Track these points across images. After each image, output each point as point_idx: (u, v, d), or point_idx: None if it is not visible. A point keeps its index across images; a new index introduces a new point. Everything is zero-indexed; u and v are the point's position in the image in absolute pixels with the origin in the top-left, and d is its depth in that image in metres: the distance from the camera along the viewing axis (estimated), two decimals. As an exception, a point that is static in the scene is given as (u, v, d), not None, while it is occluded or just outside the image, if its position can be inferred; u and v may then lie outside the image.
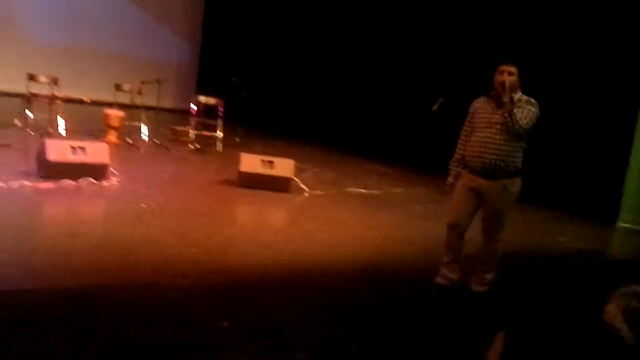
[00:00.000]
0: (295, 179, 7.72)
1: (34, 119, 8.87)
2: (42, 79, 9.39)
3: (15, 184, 6.11)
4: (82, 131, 9.18)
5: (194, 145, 9.73)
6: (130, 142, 9.18)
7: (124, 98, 9.87)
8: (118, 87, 9.85)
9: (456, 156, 4.73)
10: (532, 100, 4.49)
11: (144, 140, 9.42)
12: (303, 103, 12.75)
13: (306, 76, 12.85)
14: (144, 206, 6.13)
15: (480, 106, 4.61)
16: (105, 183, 6.73)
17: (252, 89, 11.29)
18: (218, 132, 9.92)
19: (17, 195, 5.96)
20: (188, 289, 4.23)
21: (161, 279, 4.35)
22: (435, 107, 5.01)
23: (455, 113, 5.07)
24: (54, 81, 9.36)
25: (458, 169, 4.70)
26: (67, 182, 6.41)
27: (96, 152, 6.79)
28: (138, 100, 9.74)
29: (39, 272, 4.24)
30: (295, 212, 7.25)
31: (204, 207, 6.65)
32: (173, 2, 14.19)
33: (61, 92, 9.30)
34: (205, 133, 10.03)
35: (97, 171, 6.68)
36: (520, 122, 4.36)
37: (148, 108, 9.90)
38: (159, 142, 9.49)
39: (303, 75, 12.91)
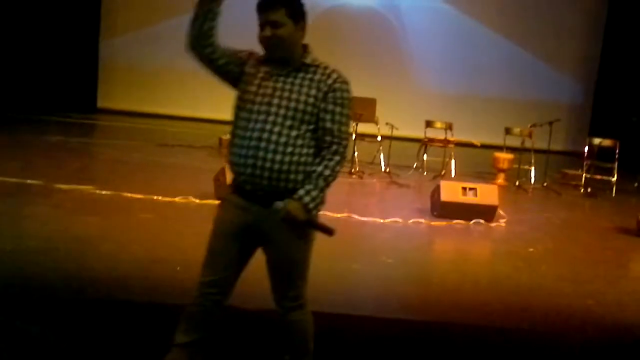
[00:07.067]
0: None
1: (429, 161, 9.53)
2: (438, 124, 10.03)
3: (411, 221, 6.60)
4: (472, 173, 9.49)
5: (586, 190, 9.20)
6: (519, 185, 9.13)
7: (513, 141, 9.90)
8: (508, 131, 9.92)
9: None
10: (347, 81, 2.70)
11: (532, 184, 9.28)
12: None
13: None
14: (532, 250, 5.99)
15: (253, 71, 2.74)
16: (493, 224, 6.80)
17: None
18: (613, 176, 9.23)
19: (413, 231, 6.42)
20: (585, 345, 3.94)
21: (551, 329, 4.15)
22: None
23: None
24: (449, 127, 9.92)
25: None
26: (458, 222, 6.67)
27: (486, 193, 6.91)
28: (528, 143, 9.66)
29: (431, 304, 4.44)
30: None
31: (598, 256, 6.16)
32: (566, 45, 13.79)
33: (454, 136, 9.81)
34: (599, 177, 9.41)
35: (486, 212, 6.79)
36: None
37: (538, 151, 9.73)
38: (548, 186, 9.24)
39: None
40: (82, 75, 12.81)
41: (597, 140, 9.77)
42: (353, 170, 8.84)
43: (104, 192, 6.44)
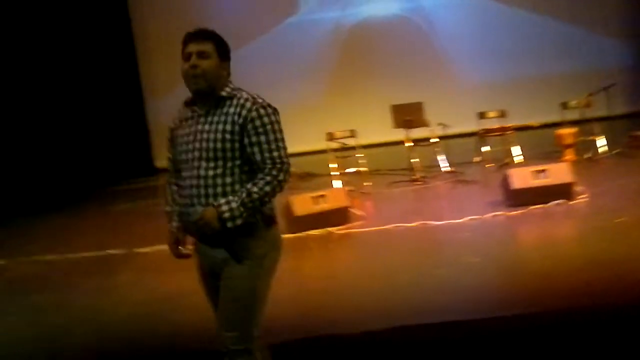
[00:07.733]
0: None
1: (489, 152, 9.33)
2: (491, 114, 9.82)
3: (488, 216, 6.45)
4: (538, 155, 9.25)
5: (660, 149, 8.82)
6: (588, 157, 8.85)
7: (572, 114, 9.62)
8: (564, 105, 9.66)
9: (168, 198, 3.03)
10: (265, 105, 2.71)
11: (602, 153, 8.98)
12: None
13: None
14: (621, 220, 5.76)
15: (180, 117, 2.90)
16: (573, 202, 6.59)
17: None
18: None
19: (492, 225, 6.26)
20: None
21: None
22: None
23: None
24: (503, 114, 9.71)
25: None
26: (536, 207, 6.48)
27: (558, 172, 6.71)
28: (588, 113, 9.36)
29: (528, 295, 4.30)
30: None
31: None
32: (606, 8, 13.38)
33: (510, 122, 9.59)
34: (671, 132, 9.04)
35: (563, 191, 6.59)
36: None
37: (599, 119, 9.43)
38: (619, 152, 8.92)
39: None
40: (135, 139, 13.12)
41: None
42: (415, 177, 8.75)
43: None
